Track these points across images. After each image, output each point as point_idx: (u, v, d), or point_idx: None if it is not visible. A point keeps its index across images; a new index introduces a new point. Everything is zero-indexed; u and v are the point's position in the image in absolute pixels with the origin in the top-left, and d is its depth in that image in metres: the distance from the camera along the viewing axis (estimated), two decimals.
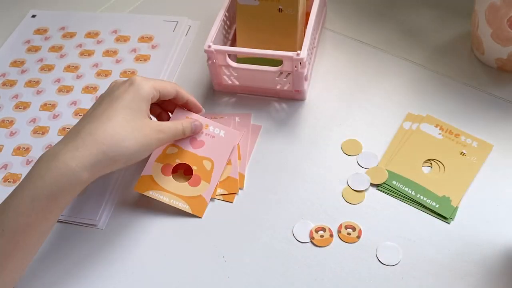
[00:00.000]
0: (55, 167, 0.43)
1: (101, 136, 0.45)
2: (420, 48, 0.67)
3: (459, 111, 0.59)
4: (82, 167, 0.44)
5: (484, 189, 0.52)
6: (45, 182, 0.43)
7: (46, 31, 0.77)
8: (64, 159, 0.44)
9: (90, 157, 0.44)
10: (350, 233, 0.50)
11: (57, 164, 0.43)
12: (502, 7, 0.56)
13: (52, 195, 0.43)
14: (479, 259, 0.47)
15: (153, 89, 0.50)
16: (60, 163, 0.43)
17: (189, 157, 0.56)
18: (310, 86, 0.64)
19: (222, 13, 0.63)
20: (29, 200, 0.43)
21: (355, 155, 0.56)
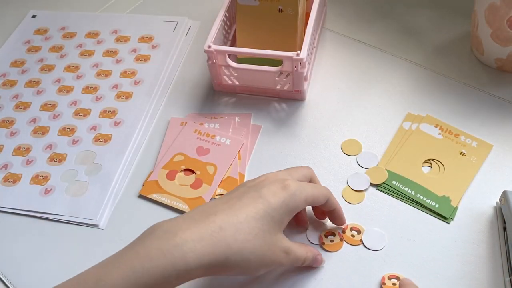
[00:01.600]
0: (170, 254, 0.37)
1: (231, 237, 0.39)
2: (420, 48, 0.67)
3: (458, 111, 0.59)
4: (199, 265, 0.37)
5: (484, 189, 0.52)
6: (152, 268, 0.36)
7: (46, 31, 0.77)
8: (183, 248, 0.37)
9: (210, 256, 0.38)
10: (354, 235, 0.49)
11: (173, 251, 0.37)
12: (502, 7, 0.56)
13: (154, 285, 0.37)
14: (479, 259, 0.47)
15: (305, 202, 0.43)
16: (177, 251, 0.37)
17: (193, 163, 0.57)
18: (310, 86, 0.64)
19: (222, 13, 0.63)
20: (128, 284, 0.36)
21: (355, 155, 0.57)
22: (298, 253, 0.44)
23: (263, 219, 0.40)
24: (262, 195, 0.41)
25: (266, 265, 0.41)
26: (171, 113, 0.63)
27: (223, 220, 0.39)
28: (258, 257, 0.40)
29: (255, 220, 0.40)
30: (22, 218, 0.55)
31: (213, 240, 0.38)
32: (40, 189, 0.57)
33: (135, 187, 0.56)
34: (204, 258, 0.37)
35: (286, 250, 0.42)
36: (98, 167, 0.58)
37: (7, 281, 0.50)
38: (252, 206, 0.40)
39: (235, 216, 0.40)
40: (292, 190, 0.42)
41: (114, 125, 0.62)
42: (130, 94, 0.66)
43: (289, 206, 0.42)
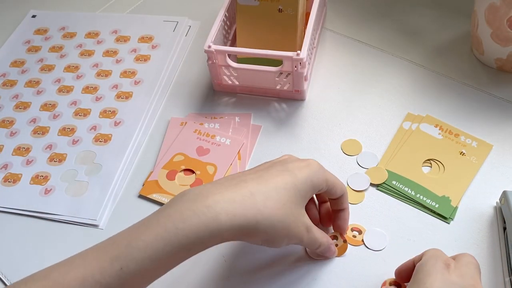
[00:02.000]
0: (203, 213, 0.37)
1: (261, 203, 0.39)
2: (420, 48, 0.67)
3: (458, 111, 0.59)
4: (230, 227, 0.38)
5: (484, 189, 0.52)
6: (185, 229, 0.37)
7: (46, 31, 0.77)
8: (215, 208, 0.38)
9: (242, 218, 0.38)
10: (356, 235, 0.49)
11: (206, 211, 0.37)
12: (502, 7, 0.56)
13: (187, 245, 0.37)
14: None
15: (325, 181, 0.44)
16: (210, 211, 0.37)
17: (193, 163, 0.56)
18: (310, 86, 0.64)
19: (222, 13, 0.63)
20: (162, 244, 0.36)
21: (355, 155, 0.57)
22: (317, 235, 0.44)
23: (290, 190, 0.41)
24: (289, 169, 0.42)
25: (290, 237, 0.42)
26: (171, 113, 0.63)
27: (254, 187, 0.40)
28: (284, 226, 0.40)
29: (284, 190, 0.41)
30: (22, 218, 0.55)
31: (244, 204, 0.39)
32: (40, 189, 0.57)
33: (135, 187, 0.56)
34: (236, 219, 0.38)
35: (308, 227, 0.43)
36: (98, 167, 0.58)
37: (7, 281, 0.50)
38: (280, 177, 0.41)
39: (264, 184, 0.41)
40: (315, 167, 0.43)
41: (114, 125, 0.62)
42: (130, 94, 0.66)
43: (313, 182, 0.43)
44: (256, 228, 0.39)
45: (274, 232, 0.40)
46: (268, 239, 0.41)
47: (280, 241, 0.41)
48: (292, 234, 0.42)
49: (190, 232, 0.37)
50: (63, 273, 0.37)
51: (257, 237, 0.40)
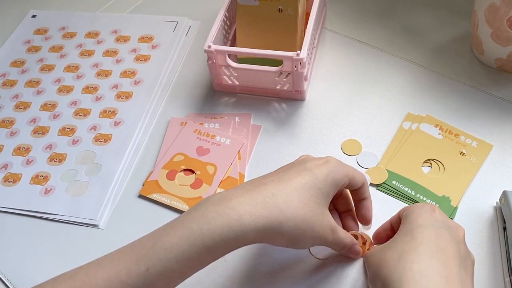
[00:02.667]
0: (226, 214, 0.38)
1: (283, 203, 0.39)
2: (420, 48, 0.67)
3: (458, 111, 0.59)
4: (254, 228, 0.38)
5: (484, 189, 0.52)
6: (210, 230, 0.37)
7: (46, 31, 0.77)
8: (239, 209, 0.38)
9: (265, 219, 0.38)
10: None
11: (230, 212, 0.38)
12: (502, 7, 0.56)
13: (212, 246, 0.37)
14: (479, 259, 0.47)
15: (346, 176, 0.44)
16: (233, 212, 0.38)
17: (193, 163, 0.56)
18: (310, 86, 0.64)
19: (222, 13, 0.63)
20: (187, 245, 0.37)
21: (355, 155, 0.57)
22: (342, 235, 0.44)
23: (311, 189, 0.41)
24: (307, 168, 0.42)
25: (314, 237, 0.41)
26: (171, 113, 0.63)
27: (275, 188, 0.40)
28: (308, 226, 0.40)
29: (305, 189, 0.41)
30: (22, 218, 0.55)
31: (266, 205, 0.39)
32: (40, 189, 0.57)
33: (135, 187, 0.56)
34: (259, 221, 0.38)
35: (332, 228, 0.43)
36: (98, 167, 0.58)
37: (7, 281, 0.50)
38: (300, 177, 0.41)
39: (285, 185, 0.41)
40: (334, 164, 0.44)
41: (114, 125, 0.62)
42: (130, 94, 0.66)
43: (334, 178, 0.43)
44: (280, 228, 0.39)
45: (298, 232, 0.40)
46: (292, 240, 0.40)
47: (305, 241, 0.41)
48: (316, 235, 0.41)
49: (214, 233, 0.37)
50: (90, 273, 0.37)
51: (281, 238, 0.40)
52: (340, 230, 0.44)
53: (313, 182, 0.41)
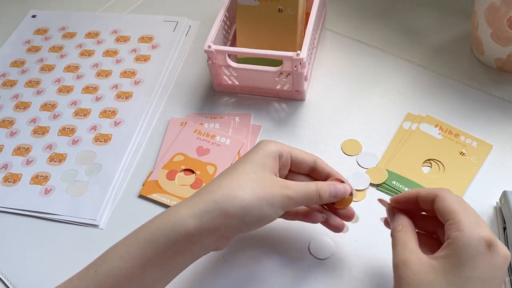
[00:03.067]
0: (165, 213, 0.40)
1: (215, 187, 0.41)
2: (420, 48, 0.67)
3: (458, 111, 0.59)
4: (190, 214, 0.39)
5: (484, 189, 0.52)
6: (149, 225, 0.40)
7: (46, 31, 0.77)
8: (176, 206, 0.41)
9: (200, 204, 0.40)
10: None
11: (168, 210, 0.40)
12: (502, 7, 0.56)
13: (154, 240, 0.38)
14: None
15: (279, 147, 0.44)
16: (171, 209, 0.40)
17: (193, 163, 0.56)
18: (310, 86, 0.64)
19: (222, 13, 0.63)
20: (130, 241, 0.39)
21: (355, 155, 0.57)
22: (303, 185, 0.42)
23: (243, 166, 0.42)
24: (240, 159, 0.44)
25: (265, 199, 0.40)
26: (171, 113, 0.63)
27: (208, 185, 0.42)
28: (249, 191, 0.40)
29: (235, 170, 0.42)
30: (22, 218, 0.55)
31: (200, 196, 0.41)
32: (40, 189, 0.57)
33: (135, 187, 0.56)
34: (195, 208, 0.39)
35: (284, 184, 0.42)
36: (98, 167, 0.58)
37: (7, 281, 0.50)
38: (231, 166, 0.43)
39: (217, 178, 0.42)
40: (263, 141, 0.44)
41: (114, 125, 0.62)
42: (130, 94, 0.66)
43: (264, 150, 0.43)
44: (218, 205, 0.39)
45: (240, 201, 0.39)
46: (243, 213, 0.39)
47: (260, 209, 0.40)
48: (267, 196, 0.40)
49: (152, 226, 0.39)
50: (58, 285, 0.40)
51: (229, 217, 0.39)
52: (296, 182, 0.43)
53: (244, 161, 0.42)
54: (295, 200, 0.42)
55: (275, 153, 0.43)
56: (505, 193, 0.49)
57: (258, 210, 0.40)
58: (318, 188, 0.43)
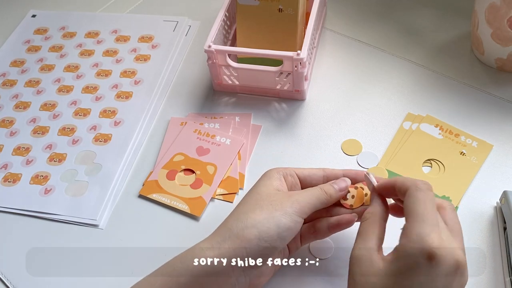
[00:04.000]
0: (184, 251, 0.41)
1: (229, 220, 0.42)
2: (420, 48, 0.67)
3: (459, 111, 0.59)
4: (209, 246, 0.40)
5: (484, 189, 0.52)
6: (172, 263, 0.41)
7: (46, 31, 0.77)
8: (195, 245, 0.42)
9: (216, 237, 0.41)
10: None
11: (187, 249, 0.41)
12: (502, 7, 0.56)
13: (175, 275, 0.39)
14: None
15: (281, 170, 0.45)
16: (190, 248, 0.41)
17: (193, 163, 0.56)
18: (310, 86, 0.64)
19: (222, 13, 0.63)
20: (153, 281, 0.40)
21: (355, 155, 0.56)
22: (307, 190, 0.43)
23: (246, 197, 0.44)
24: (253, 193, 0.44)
25: (280, 211, 0.40)
26: (171, 113, 0.63)
27: (230, 223, 0.42)
28: (264, 209, 0.40)
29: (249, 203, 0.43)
30: (22, 218, 0.55)
31: (219, 232, 0.42)
32: (40, 189, 0.57)
33: (135, 187, 0.56)
34: (213, 239, 0.41)
35: (291, 193, 0.42)
36: (98, 167, 0.58)
37: (7, 281, 0.50)
38: (246, 198, 0.44)
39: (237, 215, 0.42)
40: (267, 171, 0.46)
41: (114, 125, 0.62)
42: (130, 94, 0.66)
43: (268, 177, 0.44)
44: (233, 234, 0.40)
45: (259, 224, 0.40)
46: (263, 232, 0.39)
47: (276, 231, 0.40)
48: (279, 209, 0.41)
49: (176, 262, 0.41)
50: None
51: (250, 238, 0.39)
52: (301, 190, 0.44)
53: (251, 192, 0.44)
54: (304, 202, 0.42)
55: (278, 174, 0.44)
56: (505, 193, 0.49)
57: (273, 222, 0.40)
58: (321, 187, 0.43)
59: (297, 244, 0.46)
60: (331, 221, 0.44)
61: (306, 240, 0.46)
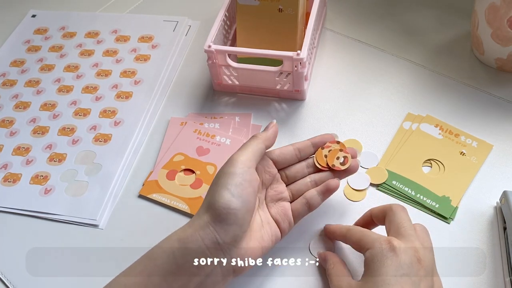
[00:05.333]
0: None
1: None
2: (420, 48, 0.67)
3: (459, 111, 0.59)
4: (186, 227, 0.42)
5: (484, 189, 0.52)
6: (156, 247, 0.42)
7: (46, 31, 0.77)
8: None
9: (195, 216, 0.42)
10: (340, 157, 0.49)
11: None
12: (502, 7, 0.56)
13: (152, 257, 0.41)
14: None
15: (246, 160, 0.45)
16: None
17: (193, 163, 0.56)
18: (310, 86, 0.64)
19: (222, 13, 0.63)
20: (133, 268, 0.42)
21: None
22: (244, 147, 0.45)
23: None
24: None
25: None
26: (171, 113, 0.63)
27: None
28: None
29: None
30: (22, 218, 0.55)
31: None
32: (40, 189, 0.57)
33: (135, 187, 0.56)
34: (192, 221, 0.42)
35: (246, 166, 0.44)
36: (98, 167, 0.58)
37: (7, 281, 0.50)
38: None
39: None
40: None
41: (114, 125, 0.62)
42: (130, 94, 0.66)
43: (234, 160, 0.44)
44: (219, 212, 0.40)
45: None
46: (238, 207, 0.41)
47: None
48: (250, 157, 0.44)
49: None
50: None
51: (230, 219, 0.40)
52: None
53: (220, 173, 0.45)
54: (245, 154, 0.44)
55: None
56: (505, 193, 0.49)
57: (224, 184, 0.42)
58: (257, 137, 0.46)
59: (289, 221, 0.47)
60: (320, 188, 0.47)
61: (300, 214, 0.48)
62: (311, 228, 0.51)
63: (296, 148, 0.49)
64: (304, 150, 0.50)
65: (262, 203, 0.47)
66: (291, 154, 0.49)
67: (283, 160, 0.49)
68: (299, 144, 0.50)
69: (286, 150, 0.49)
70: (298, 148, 0.49)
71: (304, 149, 0.49)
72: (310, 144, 0.50)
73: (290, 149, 0.49)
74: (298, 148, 0.49)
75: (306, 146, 0.50)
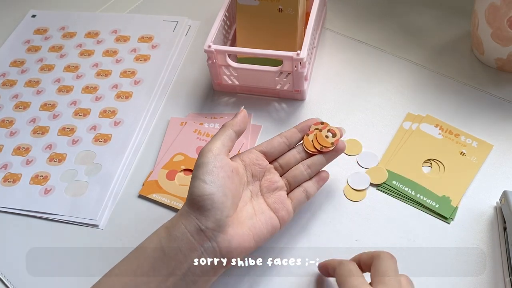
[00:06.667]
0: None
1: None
2: (420, 48, 0.67)
3: (459, 111, 0.59)
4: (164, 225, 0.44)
5: (484, 189, 0.52)
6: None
7: (46, 31, 0.77)
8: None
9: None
10: (329, 136, 0.50)
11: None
12: (502, 7, 0.56)
13: (141, 250, 0.42)
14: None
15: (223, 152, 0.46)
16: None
17: (193, 163, 0.56)
18: (310, 86, 0.64)
19: (222, 13, 0.63)
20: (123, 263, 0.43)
21: (355, 155, 0.56)
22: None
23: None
24: None
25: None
26: (171, 113, 0.63)
27: None
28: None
29: None
30: (22, 218, 0.55)
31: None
32: (40, 189, 0.57)
33: (135, 187, 0.56)
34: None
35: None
36: (98, 167, 0.58)
37: (7, 281, 0.50)
38: None
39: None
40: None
41: (114, 125, 0.62)
42: (130, 94, 0.66)
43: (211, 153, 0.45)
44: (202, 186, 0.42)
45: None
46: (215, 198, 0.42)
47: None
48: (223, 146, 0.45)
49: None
50: None
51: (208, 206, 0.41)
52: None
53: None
54: (230, 125, 0.47)
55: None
56: (505, 193, 0.49)
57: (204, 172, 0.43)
58: (226, 124, 0.47)
59: (287, 209, 0.47)
60: (315, 179, 0.50)
61: (300, 202, 0.48)
62: (311, 228, 0.51)
63: (283, 137, 0.50)
64: (292, 137, 0.51)
65: (257, 195, 0.47)
66: (279, 143, 0.50)
67: (272, 150, 0.49)
68: (286, 133, 0.51)
69: (273, 141, 0.50)
70: (285, 136, 0.50)
71: (291, 137, 0.51)
72: (296, 131, 0.51)
73: (278, 138, 0.50)
74: (285, 136, 0.50)
75: (293, 133, 0.51)
